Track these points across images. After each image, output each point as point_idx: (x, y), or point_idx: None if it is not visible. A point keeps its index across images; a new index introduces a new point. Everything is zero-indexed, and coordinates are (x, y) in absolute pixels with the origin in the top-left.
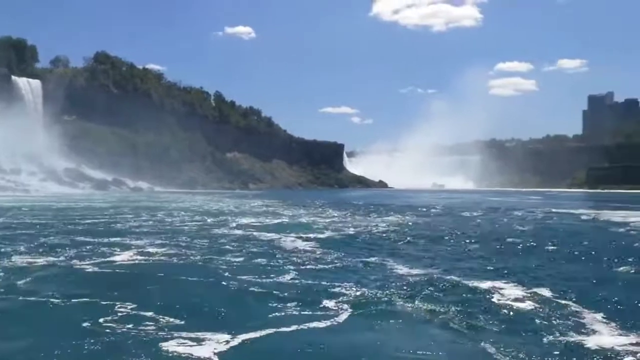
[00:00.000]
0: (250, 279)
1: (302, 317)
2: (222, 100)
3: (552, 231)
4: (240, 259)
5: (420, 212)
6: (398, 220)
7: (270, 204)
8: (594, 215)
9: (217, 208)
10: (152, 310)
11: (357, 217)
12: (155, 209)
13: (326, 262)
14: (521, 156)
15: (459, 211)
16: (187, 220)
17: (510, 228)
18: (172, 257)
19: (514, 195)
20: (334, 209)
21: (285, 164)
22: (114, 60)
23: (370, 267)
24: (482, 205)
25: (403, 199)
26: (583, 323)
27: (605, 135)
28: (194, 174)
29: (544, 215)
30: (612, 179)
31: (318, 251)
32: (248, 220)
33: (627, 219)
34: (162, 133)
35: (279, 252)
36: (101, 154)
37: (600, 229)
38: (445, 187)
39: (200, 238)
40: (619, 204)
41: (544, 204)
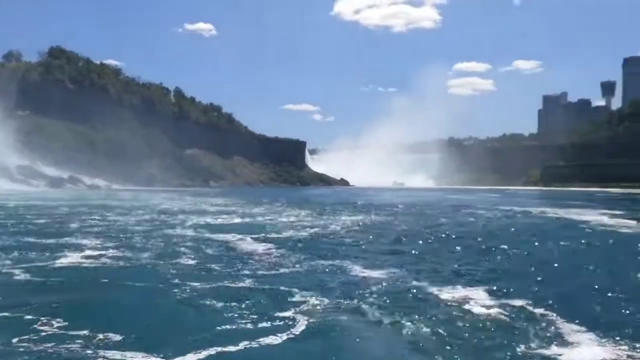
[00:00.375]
0: (201, 286)
1: (254, 332)
2: (182, 97)
3: (520, 231)
4: (192, 262)
5: (383, 210)
6: (361, 220)
7: (229, 203)
8: (560, 214)
9: (175, 206)
10: (83, 326)
11: (318, 216)
12: (111, 207)
13: (284, 266)
14: (479, 154)
15: (422, 210)
16: (142, 219)
17: (476, 227)
18: (119, 261)
19: (473, 193)
20: (295, 207)
21: (247, 161)
22: (70, 55)
23: (331, 272)
24: (444, 203)
25: (365, 197)
26: (560, 334)
27: (559, 134)
28: (153, 171)
29: (508, 213)
30: (566, 177)
31: (276, 254)
32: (205, 219)
33: (588, 217)
34: (120, 129)
35: (234, 255)
36: (57, 151)
37: (568, 227)
38: (405, 185)
39: (153, 239)
40: (578, 202)
41: (505, 201)
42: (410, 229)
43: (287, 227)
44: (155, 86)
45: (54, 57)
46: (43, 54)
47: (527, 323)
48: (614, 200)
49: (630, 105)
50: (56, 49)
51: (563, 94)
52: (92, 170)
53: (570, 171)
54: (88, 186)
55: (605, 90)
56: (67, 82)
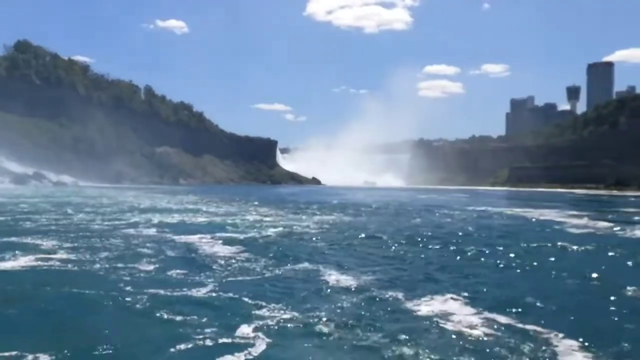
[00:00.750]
0: (157, 294)
1: (211, 351)
2: (153, 95)
3: (496, 232)
4: (150, 267)
5: (356, 210)
6: (333, 220)
7: (197, 200)
8: (534, 215)
9: (141, 204)
10: (15, 344)
11: (289, 216)
12: (74, 205)
13: (250, 272)
14: (448, 155)
15: (396, 209)
16: (104, 218)
17: (454, 229)
18: (70, 264)
19: (443, 193)
20: (264, 206)
21: (218, 159)
22: (37, 50)
23: (300, 279)
24: (417, 203)
25: (336, 196)
26: (554, 351)
27: (526, 136)
28: (121, 168)
29: (483, 214)
30: (532, 178)
31: (242, 258)
32: (170, 218)
33: (562, 218)
34: (89, 126)
35: (197, 259)
36: (23, 147)
37: (545, 229)
38: (376, 184)
39: (112, 239)
40: (548, 203)
41: (477, 201)
42: (386, 230)
43: (255, 227)
44: (125, 83)
45: (20, 51)
46: (9, 47)
47: (512, 339)
48: (582, 201)
49: (595, 110)
50: (23, 43)
51: (530, 98)
52: (58, 167)
53: (536, 172)
54: (54, 183)
55: (570, 94)
56: (34, 77)
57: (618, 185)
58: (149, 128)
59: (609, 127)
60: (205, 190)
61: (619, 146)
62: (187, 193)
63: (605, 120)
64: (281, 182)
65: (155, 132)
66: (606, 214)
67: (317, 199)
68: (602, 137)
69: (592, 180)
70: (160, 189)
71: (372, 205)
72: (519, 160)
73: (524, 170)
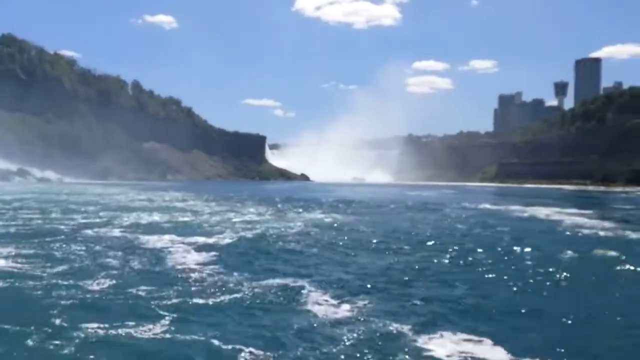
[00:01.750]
0: (103, 326)
1: None
2: (140, 90)
3: (499, 235)
4: (106, 282)
5: (347, 208)
6: (321, 219)
7: (182, 197)
8: (533, 213)
9: (121, 201)
10: None
11: (274, 215)
12: (51, 202)
13: (221, 290)
14: (437, 151)
15: (389, 208)
16: (75, 217)
17: (455, 232)
18: (16, 276)
19: (433, 189)
20: (250, 204)
21: (206, 155)
22: (22, 44)
23: (278, 303)
24: (409, 201)
25: (325, 192)
26: None
27: (514, 132)
28: (108, 164)
29: (479, 212)
30: (520, 174)
31: (215, 270)
32: (147, 217)
33: (561, 216)
34: (75, 122)
35: (160, 274)
36: (7, 143)
37: (550, 231)
38: (365, 180)
39: (74, 244)
40: (542, 199)
41: (469, 198)
42: (380, 233)
43: (236, 229)
44: (112, 78)
45: (4, 45)
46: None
47: None
48: (576, 198)
49: (582, 106)
50: (7, 37)
51: (518, 94)
52: (44, 163)
53: (524, 168)
54: (38, 179)
55: (558, 90)
56: (19, 71)
57: (605, 181)
58: (137, 123)
59: (597, 122)
60: (191, 187)
61: (606, 142)
62: (173, 189)
63: (592, 116)
64: (270, 179)
65: (143, 127)
66: (610, 212)
67: (305, 195)
68: (590, 133)
69: (579, 176)
70: (146, 184)
71: (363, 202)
72: (507, 156)
73: (512, 166)
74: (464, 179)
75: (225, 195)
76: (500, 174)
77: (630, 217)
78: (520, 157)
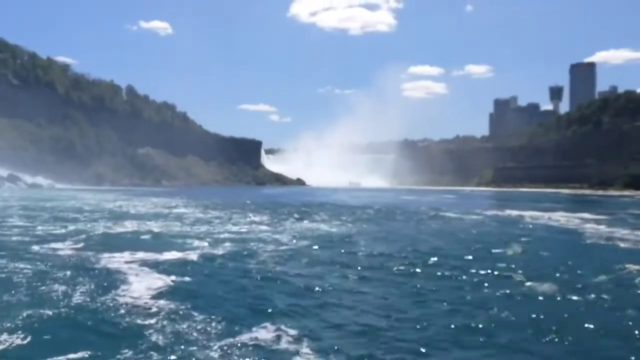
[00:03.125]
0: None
1: None
2: (135, 94)
3: (532, 249)
4: (21, 334)
5: (344, 215)
6: (319, 230)
7: (169, 204)
8: (546, 221)
9: (102, 208)
10: None
11: (265, 224)
12: (28, 209)
13: (170, 342)
14: (433, 156)
15: (390, 215)
16: (41, 226)
17: (474, 245)
18: None
19: (431, 194)
20: (240, 211)
21: (201, 160)
22: (14, 49)
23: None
24: (410, 207)
25: (323, 198)
26: None
27: (510, 137)
28: (102, 169)
29: (489, 219)
30: (516, 178)
31: (169, 307)
32: (118, 227)
33: (576, 223)
34: (68, 127)
35: (105, 308)
36: (0, 148)
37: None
38: (361, 185)
39: (19, 262)
40: (548, 204)
41: (470, 204)
42: (381, 246)
43: (217, 242)
44: (106, 83)
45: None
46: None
47: None
48: (578, 202)
49: (578, 110)
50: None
51: (513, 98)
52: (36, 169)
53: (520, 172)
54: (29, 185)
55: (553, 94)
56: (11, 76)
57: (602, 185)
58: (131, 129)
59: (592, 126)
60: (184, 193)
61: (602, 146)
62: (164, 195)
63: (588, 120)
64: (266, 183)
65: (138, 132)
66: (625, 217)
67: (302, 200)
68: (586, 136)
69: (575, 180)
70: (139, 190)
71: (366, 210)
72: (503, 160)
73: (508, 170)
74: (461, 183)
75: (217, 201)
76: (496, 178)
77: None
78: (517, 161)
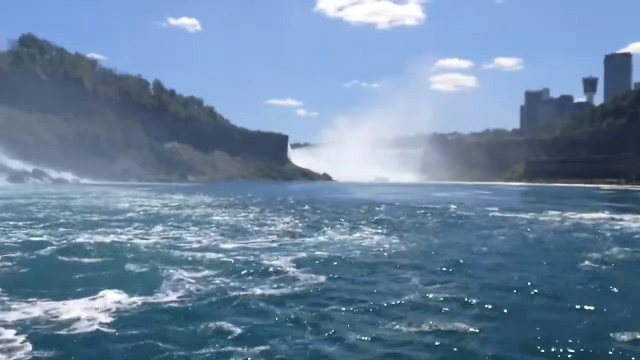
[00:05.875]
0: None
1: None
2: (162, 89)
3: None
4: None
5: (380, 217)
6: (348, 242)
7: (182, 202)
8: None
9: (118, 206)
10: None
11: (279, 233)
12: (36, 205)
13: None
14: (462, 150)
15: (432, 216)
16: (39, 226)
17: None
18: None
19: (462, 189)
20: (263, 211)
21: (228, 155)
22: (42, 44)
23: None
24: (450, 206)
25: (350, 195)
26: None
27: (541, 130)
28: (128, 165)
29: (556, 223)
30: (549, 172)
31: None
32: (107, 236)
33: None
34: (95, 122)
35: None
36: (26, 144)
37: None
38: (388, 180)
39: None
40: (608, 203)
41: (514, 201)
42: (477, 274)
43: (222, 260)
44: (133, 78)
45: (25, 45)
46: (13, 42)
47: None
48: (628, 199)
49: (613, 102)
50: (27, 37)
51: (545, 90)
52: (62, 164)
53: (553, 167)
54: (54, 180)
55: (587, 86)
56: (39, 72)
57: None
58: (158, 123)
59: (629, 119)
60: (209, 188)
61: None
62: (187, 191)
63: (624, 112)
64: (292, 179)
65: (164, 127)
66: None
67: (327, 199)
68: (622, 129)
69: (611, 174)
70: (163, 186)
71: (400, 211)
72: (534, 154)
73: (541, 164)
74: (491, 177)
75: (242, 197)
76: (528, 173)
77: None
78: (548, 155)
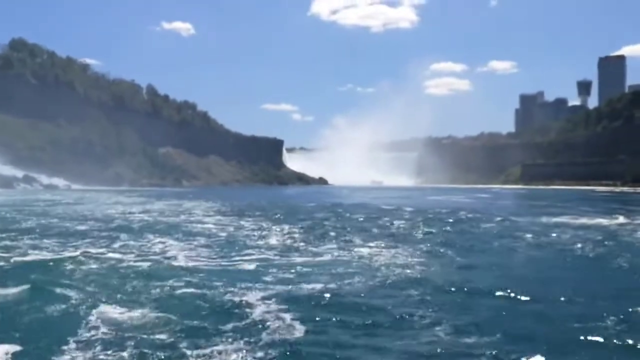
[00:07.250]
0: None
1: None
2: (155, 94)
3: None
4: None
5: (383, 227)
6: (349, 262)
7: (166, 209)
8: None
9: (91, 214)
10: None
11: (270, 251)
12: (21, 212)
13: None
14: (457, 153)
15: (436, 222)
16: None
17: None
18: None
19: (460, 193)
20: (249, 220)
21: (222, 160)
22: (33, 48)
23: None
24: (454, 210)
25: (348, 199)
26: None
27: (536, 132)
28: (121, 170)
29: (574, 229)
30: (545, 175)
31: None
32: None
33: None
34: (88, 127)
35: None
36: (18, 149)
37: None
38: (383, 183)
39: None
40: (616, 206)
41: (516, 205)
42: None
43: (180, 297)
44: (126, 83)
45: (15, 50)
46: (3, 46)
47: None
48: (628, 202)
49: (608, 104)
50: (17, 41)
51: (540, 93)
52: (53, 170)
53: (549, 169)
54: (45, 186)
55: (581, 89)
56: (29, 76)
57: (636, 182)
58: (151, 128)
59: (624, 121)
60: (203, 193)
61: (635, 141)
62: (178, 196)
63: (619, 115)
64: (288, 183)
65: (158, 132)
66: None
67: (324, 203)
68: (617, 131)
69: (607, 176)
70: (156, 191)
71: (401, 218)
72: (530, 157)
73: (537, 167)
74: (487, 180)
75: (231, 203)
76: (524, 176)
77: None
78: (544, 158)
